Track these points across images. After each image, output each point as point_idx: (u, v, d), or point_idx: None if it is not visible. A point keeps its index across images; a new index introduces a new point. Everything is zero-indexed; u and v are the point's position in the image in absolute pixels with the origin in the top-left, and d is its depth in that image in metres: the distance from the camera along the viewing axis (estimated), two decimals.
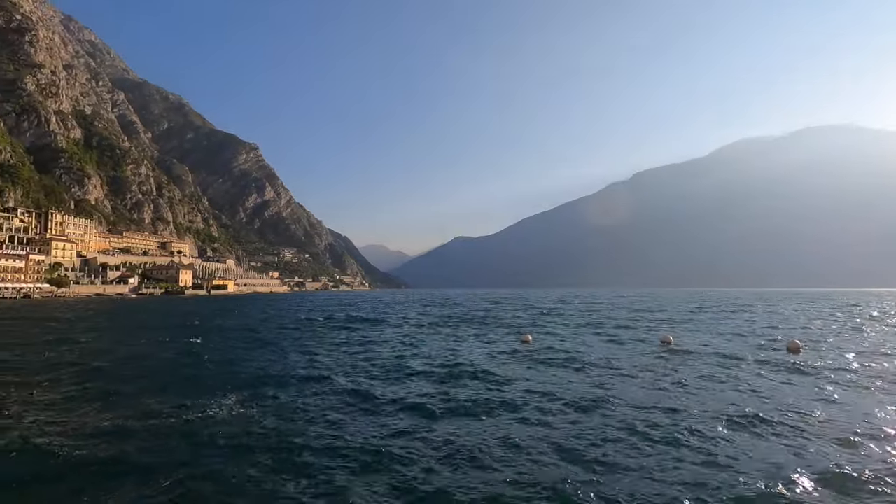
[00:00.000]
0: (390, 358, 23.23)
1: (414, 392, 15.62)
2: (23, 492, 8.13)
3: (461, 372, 18.99)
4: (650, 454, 9.88)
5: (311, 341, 30.73)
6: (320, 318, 52.62)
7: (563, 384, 16.87)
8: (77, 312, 61.09)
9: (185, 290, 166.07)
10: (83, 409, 13.23)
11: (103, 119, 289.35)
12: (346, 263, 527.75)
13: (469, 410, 13.35)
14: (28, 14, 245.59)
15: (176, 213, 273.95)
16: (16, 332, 36.90)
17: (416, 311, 67.98)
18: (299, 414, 13.01)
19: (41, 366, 20.20)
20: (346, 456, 9.71)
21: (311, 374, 18.58)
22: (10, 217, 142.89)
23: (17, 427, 11.40)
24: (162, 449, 10.07)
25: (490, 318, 50.77)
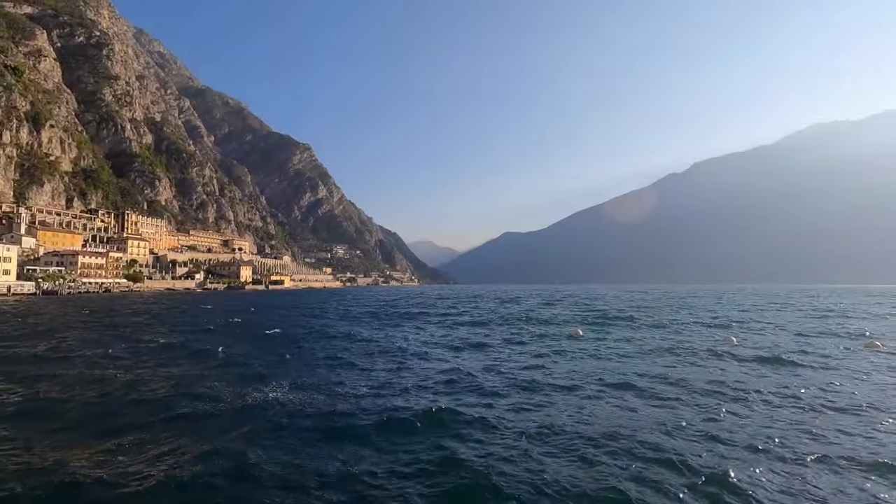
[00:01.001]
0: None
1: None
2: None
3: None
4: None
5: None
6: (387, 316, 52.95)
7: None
8: (161, 303, 66.29)
9: (245, 285, 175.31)
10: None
11: (171, 125, 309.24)
12: (396, 259, 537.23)
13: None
14: (105, 30, 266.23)
15: (236, 212, 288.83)
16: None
17: (487, 308, 65.53)
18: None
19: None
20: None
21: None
22: (92, 218, 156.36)
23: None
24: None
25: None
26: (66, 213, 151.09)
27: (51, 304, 65.46)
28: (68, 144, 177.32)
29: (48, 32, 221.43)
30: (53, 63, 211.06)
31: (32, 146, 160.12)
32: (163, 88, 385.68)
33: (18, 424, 11.32)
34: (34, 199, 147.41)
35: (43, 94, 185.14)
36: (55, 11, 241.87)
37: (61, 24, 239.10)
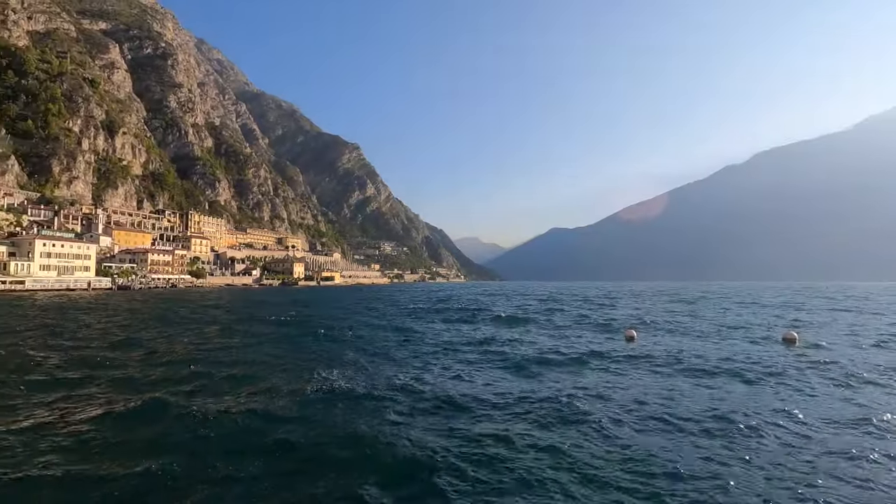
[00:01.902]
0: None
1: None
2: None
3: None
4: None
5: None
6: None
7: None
8: (227, 297, 70.55)
9: (298, 281, 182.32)
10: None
11: (229, 129, 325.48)
12: (442, 256, 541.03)
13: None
14: (170, 41, 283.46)
15: (289, 211, 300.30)
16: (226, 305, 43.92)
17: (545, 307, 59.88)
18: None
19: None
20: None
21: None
22: (160, 218, 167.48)
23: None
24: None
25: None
26: (137, 214, 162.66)
27: (132, 299, 71.05)
28: (138, 150, 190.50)
29: (120, 46, 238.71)
30: (125, 74, 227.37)
31: (108, 152, 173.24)
32: (221, 94, 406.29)
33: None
34: (109, 201, 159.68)
35: (116, 103, 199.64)
36: (126, 26, 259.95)
37: (131, 38, 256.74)
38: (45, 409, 12.52)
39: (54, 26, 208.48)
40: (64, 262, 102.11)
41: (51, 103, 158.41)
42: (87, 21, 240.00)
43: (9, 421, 11.28)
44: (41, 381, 15.57)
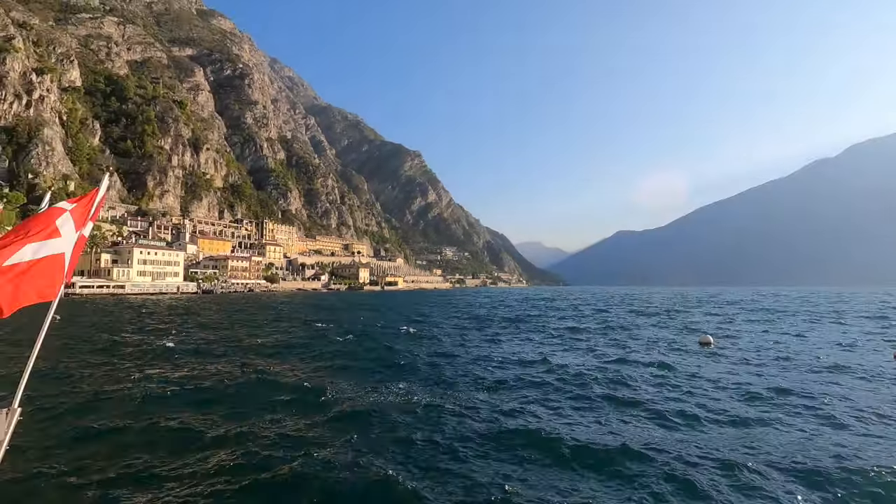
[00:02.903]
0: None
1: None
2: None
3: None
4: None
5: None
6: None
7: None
8: (303, 300, 74.77)
9: (363, 285, 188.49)
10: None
11: (299, 141, 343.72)
12: (503, 260, 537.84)
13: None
14: (247, 62, 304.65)
15: (355, 218, 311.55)
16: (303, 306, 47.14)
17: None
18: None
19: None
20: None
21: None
22: (238, 227, 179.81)
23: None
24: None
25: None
26: (219, 224, 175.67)
27: (220, 301, 77.03)
28: (220, 164, 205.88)
29: (204, 69, 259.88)
30: (208, 95, 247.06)
31: (193, 167, 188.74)
32: (292, 109, 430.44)
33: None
34: (195, 212, 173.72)
35: (200, 122, 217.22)
36: (209, 51, 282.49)
37: (213, 61, 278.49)
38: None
39: (149, 55, 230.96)
40: (157, 268, 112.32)
41: (146, 125, 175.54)
42: (176, 49, 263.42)
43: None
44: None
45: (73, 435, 10.49)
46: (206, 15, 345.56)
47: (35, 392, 13.81)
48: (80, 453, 9.41)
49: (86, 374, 17.12)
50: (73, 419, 11.62)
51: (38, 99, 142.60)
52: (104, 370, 18.16)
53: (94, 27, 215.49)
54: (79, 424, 11.19)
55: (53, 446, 9.73)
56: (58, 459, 9.05)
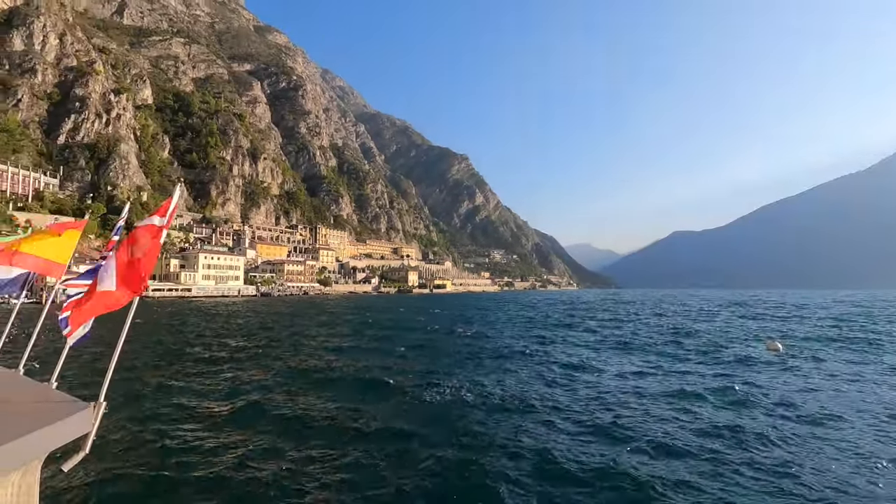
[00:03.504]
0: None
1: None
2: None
3: None
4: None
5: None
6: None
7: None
8: (359, 303, 77.24)
9: (412, 288, 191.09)
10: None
11: (350, 148, 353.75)
12: (553, 263, 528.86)
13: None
14: (300, 74, 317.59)
15: (404, 222, 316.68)
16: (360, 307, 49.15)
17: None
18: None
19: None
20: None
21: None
22: (293, 232, 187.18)
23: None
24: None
25: None
26: (275, 229, 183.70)
27: (282, 303, 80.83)
28: (276, 172, 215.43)
29: (261, 83, 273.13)
30: (265, 107, 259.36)
31: (252, 176, 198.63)
32: (343, 117, 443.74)
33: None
34: (253, 219, 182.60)
35: (258, 133, 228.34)
36: (265, 65, 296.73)
37: (269, 75, 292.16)
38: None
39: (211, 72, 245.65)
40: (220, 272, 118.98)
41: (209, 137, 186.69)
42: (235, 64, 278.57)
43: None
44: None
45: (156, 425, 11.49)
46: (263, 31, 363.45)
47: (118, 386, 15.18)
48: (163, 442, 10.33)
49: (172, 369, 18.60)
50: (154, 410, 12.73)
51: (115, 117, 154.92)
52: (185, 367, 19.64)
53: (164, 48, 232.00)
54: (161, 415, 12.25)
55: (135, 435, 10.72)
56: (140, 449, 9.97)
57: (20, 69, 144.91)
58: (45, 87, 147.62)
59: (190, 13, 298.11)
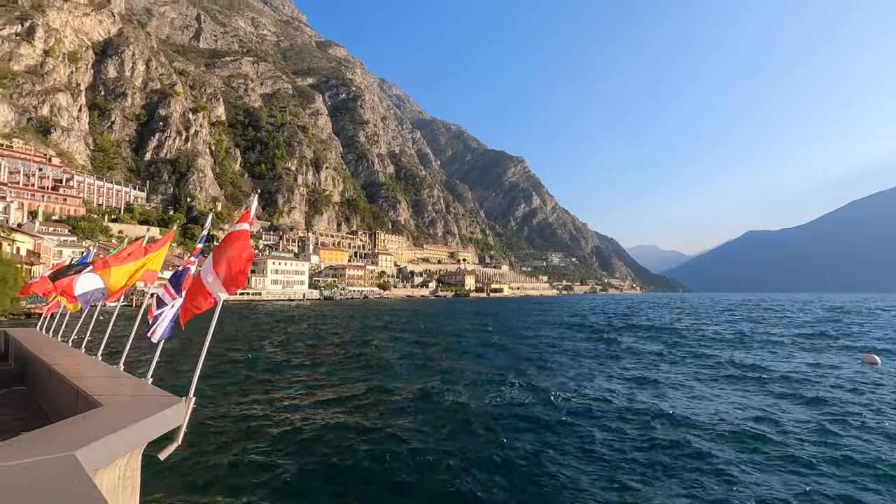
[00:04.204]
0: None
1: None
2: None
3: None
4: None
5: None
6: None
7: None
8: (420, 306, 78.99)
9: (469, 292, 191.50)
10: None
11: (406, 155, 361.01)
12: (614, 266, 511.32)
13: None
14: (359, 85, 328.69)
15: (460, 227, 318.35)
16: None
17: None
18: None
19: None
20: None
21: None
22: (354, 238, 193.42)
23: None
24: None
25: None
26: (337, 235, 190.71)
27: (342, 307, 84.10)
28: (337, 181, 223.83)
29: (322, 95, 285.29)
30: (326, 118, 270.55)
31: (315, 185, 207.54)
32: (400, 125, 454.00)
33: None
34: (316, 226, 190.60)
35: (320, 143, 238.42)
36: (326, 78, 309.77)
37: (330, 87, 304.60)
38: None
39: (277, 87, 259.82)
40: (286, 277, 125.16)
41: (276, 149, 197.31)
42: (299, 79, 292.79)
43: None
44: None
45: (239, 418, 12.46)
46: (324, 45, 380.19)
47: (205, 383, 16.53)
48: (247, 434, 11.20)
49: (253, 368, 20.02)
50: (238, 405, 13.78)
51: (193, 134, 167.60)
52: (263, 367, 21.03)
53: (235, 68, 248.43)
54: (243, 411, 13.26)
55: (224, 429, 11.68)
56: (229, 443, 10.86)
57: (113, 94, 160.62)
58: (133, 109, 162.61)
59: (258, 33, 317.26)
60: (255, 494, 8.32)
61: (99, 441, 2.82)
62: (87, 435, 2.88)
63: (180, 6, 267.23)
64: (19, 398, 7.16)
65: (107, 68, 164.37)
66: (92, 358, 7.34)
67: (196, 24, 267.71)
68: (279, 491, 8.48)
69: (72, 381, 4.79)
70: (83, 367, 6.15)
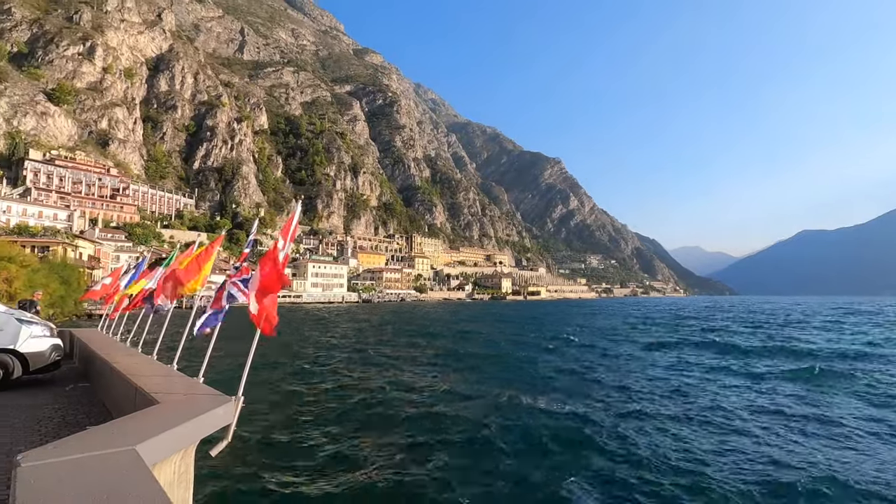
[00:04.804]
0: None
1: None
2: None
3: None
4: None
5: None
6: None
7: None
8: (454, 308, 79.50)
9: (506, 295, 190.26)
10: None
11: (442, 158, 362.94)
12: (656, 268, 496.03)
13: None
14: (395, 90, 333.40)
15: (496, 229, 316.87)
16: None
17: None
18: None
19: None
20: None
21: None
22: (391, 241, 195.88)
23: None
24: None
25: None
26: (374, 239, 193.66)
27: (380, 309, 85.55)
28: (374, 185, 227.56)
29: (359, 101, 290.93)
30: (363, 124, 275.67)
31: (353, 190, 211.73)
32: (435, 128, 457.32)
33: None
34: (354, 230, 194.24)
35: (358, 149, 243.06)
36: (363, 84, 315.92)
37: (367, 94, 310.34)
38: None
39: (316, 95, 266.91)
40: (326, 280, 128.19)
41: (315, 156, 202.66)
42: (337, 87, 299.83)
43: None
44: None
45: (288, 421, 12.92)
46: (361, 53, 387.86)
47: (253, 383, 17.19)
48: (294, 433, 11.61)
49: (297, 367, 20.71)
50: (285, 406, 14.29)
51: (238, 143, 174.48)
52: (307, 366, 21.70)
53: (276, 78, 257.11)
54: (293, 409, 13.75)
55: (272, 427, 12.14)
56: (272, 441, 11.29)
57: (165, 106, 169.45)
58: (183, 121, 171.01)
59: (298, 44, 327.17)
60: (300, 490, 8.61)
61: (157, 437, 2.96)
62: (147, 431, 3.04)
63: (226, 21, 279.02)
64: (84, 394, 7.75)
65: (159, 82, 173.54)
66: (147, 357, 7.86)
67: (240, 38, 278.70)
68: (321, 491, 8.74)
69: (130, 379, 5.18)
70: (140, 365, 6.63)
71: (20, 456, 2.37)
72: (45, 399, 7.28)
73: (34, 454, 2.43)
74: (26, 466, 2.25)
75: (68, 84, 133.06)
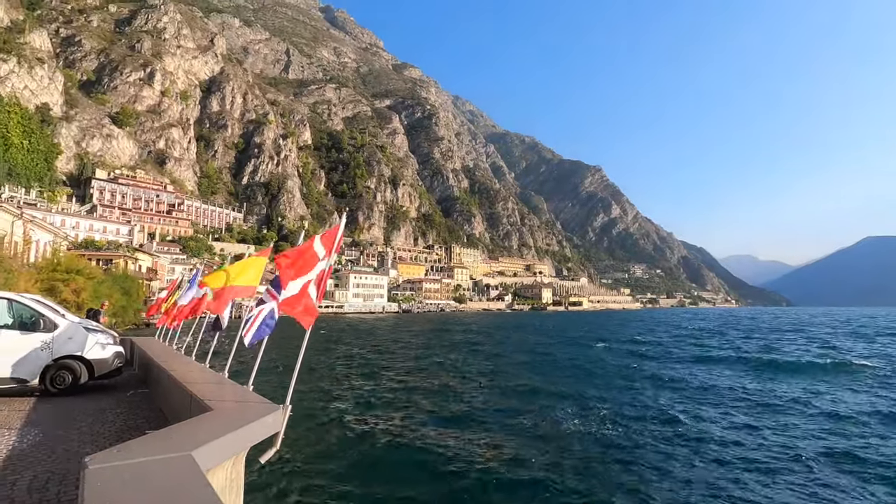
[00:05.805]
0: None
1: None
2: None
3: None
4: None
5: None
6: None
7: None
8: (503, 320, 79.20)
9: (546, 306, 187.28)
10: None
11: (480, 169, 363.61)
12: (704, 277, 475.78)
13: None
14: (433, 103, 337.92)
15: (535, 239, 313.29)
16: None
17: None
18: None
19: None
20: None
21: None
22: (430, 252, 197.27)
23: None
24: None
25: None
26: (414, 250, 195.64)
27: (420, 319, 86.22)
28: (413, 197, 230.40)
29: (399, 115, 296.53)
30: (403, 137, 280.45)
31: (393, 201, 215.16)
32: (473, 139, 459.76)
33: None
34: (394, 241, 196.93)
35: (397, 161, 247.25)
36: (402, 98, 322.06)
37: (406, 107, 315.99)
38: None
39: (357, 110, 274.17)
40: (367, 290, 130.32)
41: (356, 169, 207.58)
42: (377, 101, 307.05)
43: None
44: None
45: (335, 428, 13.17)
46: (400, 68, 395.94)
47: (300, 391, 17.64)
48: (342, 440, 11.83)
49: (342, 375, 21.14)
50: (333, 414, 14.58)
51: (283, 158, 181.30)
52: (353, 376, 22.11)
53: (319, 95, 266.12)
54: (339, 418, 14.01)
55: (317, 435, 12.41)
56: (319, 448, 11.53)
57: (216, 126, 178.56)
58: (233, 139, 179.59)
59: (339, 61, 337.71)
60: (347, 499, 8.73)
61: (212, 443, 3.05)
62: (202, 437, 3.14)
63: (272, 43, 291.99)
64: (143, 400, 8.24)
65: (211, 103, 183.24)
66: (200, 365, 8.27)
67: (286, 58, 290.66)
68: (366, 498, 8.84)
69: (186, 387, 5.46)
70: (194, 373, 6.99)
71: (87, 458, 2.47)
72: (108, 403, 7.80)
73: (100, 457, 2.54)
74: (93, 469, 2.35)
75: (130, 108, 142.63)
